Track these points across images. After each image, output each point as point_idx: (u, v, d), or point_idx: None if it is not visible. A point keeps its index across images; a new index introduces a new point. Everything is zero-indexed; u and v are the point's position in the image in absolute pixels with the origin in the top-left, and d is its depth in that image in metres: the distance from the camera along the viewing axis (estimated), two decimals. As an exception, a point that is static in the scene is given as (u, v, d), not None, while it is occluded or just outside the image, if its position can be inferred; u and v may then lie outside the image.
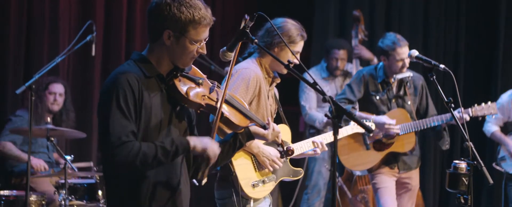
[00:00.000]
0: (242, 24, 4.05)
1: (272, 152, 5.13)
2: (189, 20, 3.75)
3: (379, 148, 6.79)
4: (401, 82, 6.88)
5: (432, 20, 10.09)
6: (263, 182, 5.16)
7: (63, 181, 7.09)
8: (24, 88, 6.10)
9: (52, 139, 6.96)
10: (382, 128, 6.59)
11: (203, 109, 3.90)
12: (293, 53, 4.25)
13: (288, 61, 3.89)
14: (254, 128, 4.11)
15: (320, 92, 3.80)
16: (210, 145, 3.78)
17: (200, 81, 3.90)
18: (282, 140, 4.31)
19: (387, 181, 6.86)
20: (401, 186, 6.97)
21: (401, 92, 6.89)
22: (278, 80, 5.36)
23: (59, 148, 7.10)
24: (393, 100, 6.86)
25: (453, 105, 4.87)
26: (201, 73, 4.01)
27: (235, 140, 4.08)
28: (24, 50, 8.39)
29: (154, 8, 3.81)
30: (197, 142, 3.76)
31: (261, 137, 4.15)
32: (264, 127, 4.14)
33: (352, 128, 5.97)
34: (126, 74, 3.72)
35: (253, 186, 5.11)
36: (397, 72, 6.78)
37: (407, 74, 6.80)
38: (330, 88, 8.74)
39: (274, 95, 5.40)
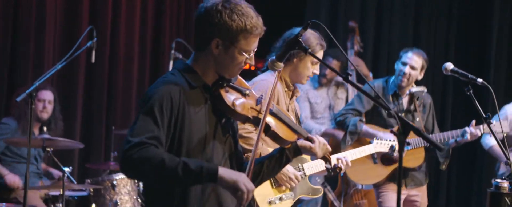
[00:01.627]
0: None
1: (290, 169, 4.94)
2: (241, 29, 3.52)
3: (387, 163, 6.59)
4: (412, 97, 6.69)
5: (422, 32, 9.96)
6: (280, 199, 4.99)
7: (53, 193, 6.80)
8: (24, 95, 5.75)
9: (49, 149, 6.61)
10: None
11: (250, 122, 3.69)
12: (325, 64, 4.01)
13: (347, 73, 3.68)
14: (301, 142, 3.84)
15: (384, 107, 3.57)
16: (243, 180, 3.45)
17: (247, 92, 3.68)
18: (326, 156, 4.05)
19: (393, 200, 6.65)
20: (410, 204, 6.76)
21: (412, 107, 6.70)
22: (299, 94, 5.16)
23: (56, 159, 6.74)
24: (403, 114, 6.66)
25: (492, 121, 4.70)
26: (246, 83, 3.79)
27: (282, 155, 3.82)
28: (8, 57, 8.14)
29: (204, 15, 3.58)
30: (227, 172, 3.44)
31: (309, 152, 3.87)
32: (311, 141, 3.87)
33: (375, 146, 5.78)
34: (169, 85, 3.49)
35: (270, 203, 4.94)
36: (397, 79, 6.59)
37: (421, 89, 6.63)
38: (323, 99, 8.51)
39: (295, 109, 5.19)
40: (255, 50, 3.64)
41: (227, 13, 3.51)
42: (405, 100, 6.70)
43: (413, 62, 6.57)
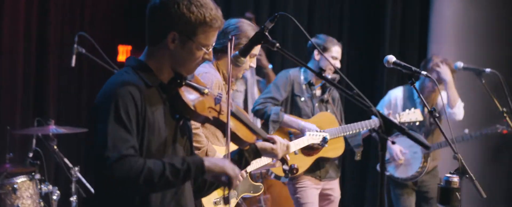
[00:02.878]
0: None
1: (235, 167, 4.71)
2: (200, 21, 3.27)
3: (308, 153, 6.43)
4: (325, 87, 6.58)
5: (315, 27, 9.86)
6: (225, 199, 4.72)
7: None
8: None
9: None
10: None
11: (209, 123, 3.45)
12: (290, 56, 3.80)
13: (320, 68, 3.47)
14: (262, 144, 3.67)
15: (365, 104, 3.37)
16: (229, 165, 3.30)
17: (206, 91, 3.44)
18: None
19: (312, 196, 6.51)
20: (324, 198, 6.64)
21: (325, 97, 6.58)
22: (235, 86, 4.94)
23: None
24: (317, 104, 6.55)
25: (437, 114, 4.63)
26: (202, 81, 3.54)
27: (241, 157, 3.64)
28: None
29: (159, 6, 3.30)
30: (212, 162, 3.26)
31: (270, 153, 3.69)
32: (270, 142, 3.69)
33: (307, 139, 5.63)
34: (126, 85, 3.19)
35: (215, 203, 4.73)
36: (325, 70, 6.45)
37: (334, 76, 6.51)
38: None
39: None
40: (214, 44, 3.39)
41: (185, 4, 3.26)
42: (318, 89, 6.58)
43: (340, 55, 6.53)
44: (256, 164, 4.93)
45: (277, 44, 3.54)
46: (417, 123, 6.81)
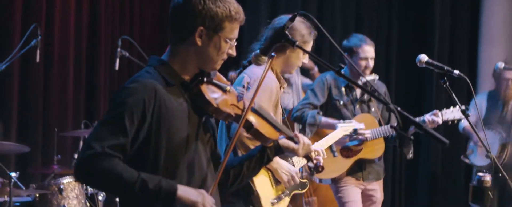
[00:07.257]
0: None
1: (291, 167, 4.79)
2: (226, 15, 3.35)
3: (347, 155, 6.40)
4: (365, 86, 6.56)
5: (364, 27, 9.83)
6: (279, 198, 4.83)
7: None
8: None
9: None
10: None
11: (232, 119, 3.49)
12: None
13: (339, 65, 3.50)
14: (283, 142, 3.66)
15: (382, 101, 3.38)
16: (203, 200, 3.25)
17: (228, 88, 3.49)
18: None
19: (354, 194, 6.47)
20: (367, 199, 6.60)
21: (365, 97, 6.54)
22: (285, 85, 4.98)
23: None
24: (357, 105, 6.52)
25: (469, 113, 4.59)
26: (225, 79, 3.58)
27: (263, 154, 3.64)
28: None
29: (184, 4, 3.37)
30: (186, 193, 3.22)
31: (291, 151, 3.68)
32: (293, 140, 3.68)
33: (341, 130, 5.69)
34: (143, 85, 3.25)
35: (272, 204, 4.77)
36: (359, 72, 6.43)
37: (372, 77, 6.48)
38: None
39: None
40: (236, 38, 3.46)
41: (210, 0, 3.33)
42: (358, 90, 6.55)
43: (372, 53, 6.50)
44: (303, 161, 4.94)
45: (297, 43, 3.56)
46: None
